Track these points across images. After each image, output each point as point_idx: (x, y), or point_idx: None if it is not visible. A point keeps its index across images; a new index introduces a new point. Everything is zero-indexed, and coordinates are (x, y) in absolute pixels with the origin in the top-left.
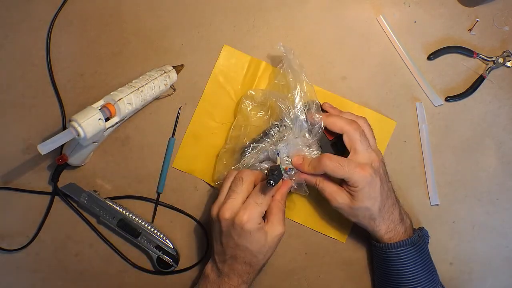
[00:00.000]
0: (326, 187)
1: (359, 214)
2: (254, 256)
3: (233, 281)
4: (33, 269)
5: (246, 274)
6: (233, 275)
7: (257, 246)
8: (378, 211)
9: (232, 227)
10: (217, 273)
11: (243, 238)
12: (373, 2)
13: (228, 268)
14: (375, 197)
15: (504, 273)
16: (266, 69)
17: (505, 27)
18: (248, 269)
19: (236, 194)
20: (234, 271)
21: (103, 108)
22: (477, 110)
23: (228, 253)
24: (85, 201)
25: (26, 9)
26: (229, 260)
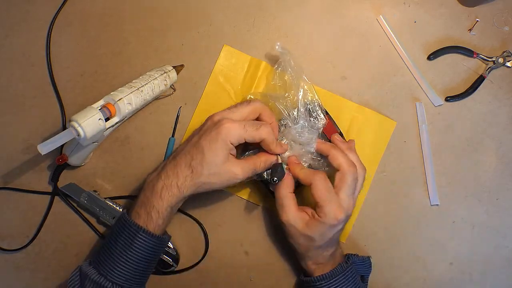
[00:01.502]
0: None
1: (300, 241)
2: (201, 164)
3: (168, 179)
4: (33, 269)
5: (182, 177)
6: (171, 172)
7: (211, 158)
8: (317, 247)
9: (210, 128)
10: (158, 171)
11: (209, 141)
12: (373, 2)
13: (171, 164)
14: (324, 237)
15: (504, 273)
16: (266, 69)
17: (505, 27)
18: (187, 173)
19: (235, 109)
20: (175, 168)
21: (103, 108)
22: (477, 110)
23: (184, 149)
24: (85, 201)
25: (26, 9)
26: (179, 154)
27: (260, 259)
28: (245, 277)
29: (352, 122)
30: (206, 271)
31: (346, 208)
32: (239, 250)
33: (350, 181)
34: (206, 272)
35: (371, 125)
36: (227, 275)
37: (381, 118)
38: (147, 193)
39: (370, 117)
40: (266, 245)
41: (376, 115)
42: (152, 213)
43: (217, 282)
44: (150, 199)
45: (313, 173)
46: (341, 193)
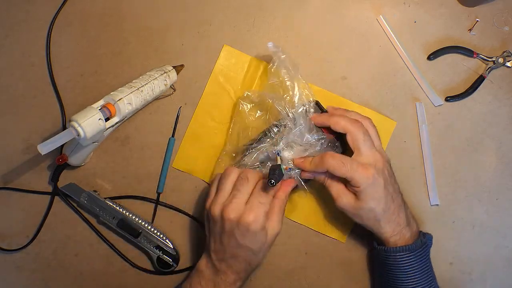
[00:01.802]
0: (332, 186)
1: (363, 215)
2: (255, 255)
3: (229, 278)
4: (33, 269)
5: (243, 272)
6: (230, 273)
7: (259, 245)
8: (382, 212)
9: (236, 227)
10: (213, 270)
11: (247, 238)
12: (373, 2)
13: (225, 266)
14: (379, 198)
15: (504, 273)
16: (266, 69)
17: (505, 27)
18: (246, 267)
19: (241, 194)
20: (231, 269)
21: (103, 108)
22: (477, 110)
23: (228, 252)
24: (85, 201)
25: (26, 9)
26: (229, 260)
27: None
28: None
29: None
30: None
31: (373, 161)
32: None
33: (362, 136)
34: None
35: None
36: None
37: (381, 118)
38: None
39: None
40: None
41: (376, 115)
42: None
43: None
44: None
45: (320, 159)
46: (360, 151)
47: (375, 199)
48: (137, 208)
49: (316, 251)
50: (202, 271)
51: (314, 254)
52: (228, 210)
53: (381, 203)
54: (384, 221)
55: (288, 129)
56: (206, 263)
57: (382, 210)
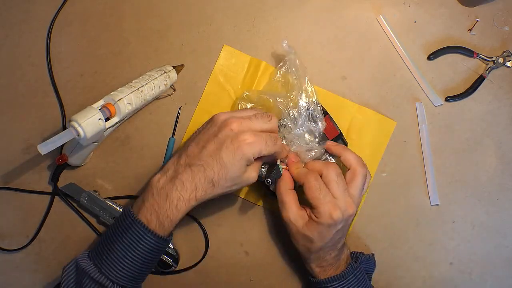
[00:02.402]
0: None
1: (300, 240)
2: (224, 179)
3: (185, 192)
4: (33, 269)
5: (202, 191)
6: (189, 185)
7: (235, 173)
8: (317, 248)
9: (229, 138)
10: (170, 177)
11: (231, 155)
12: (373, 2)
13: (188, 175)
14: (323, 237)
15: (504, 273)
16: (266, 69)
17: (505, 27)
18: (207, 187)
19: (257, 121)
20: (193, 181)
21: (103, 108)
22: (477, 110)
23: (202, 159)
24: (85, 201)
25: (26, 9)
26: (197, 167)
27: (260, 259)
28: (245, 277)
29: (352, 122)
30: (206, 271)
31: (344, 207)
32: (239, 250)
33: (360, 181)
34: (206, 272)
35: (371, 125)
36: (227, 275)
37: (381, 118)
38: (157, 199)
39: (370, 117)
40: (266, 245)
41: (376, 115)
42: (165, 222)
43: (217, 282)
44: (163, 207)
45: (305, 173)
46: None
47: (320, 236)
48: None
49: None
50: (154, 184)
51: None
52: (234, 120)
53: (322, 241)
54: (314, 255)
55: (288, 128)
56: (161, 176)
57: (319, 247)
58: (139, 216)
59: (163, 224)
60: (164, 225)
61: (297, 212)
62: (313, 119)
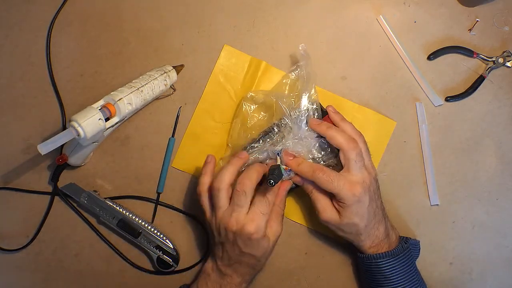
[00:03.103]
0: (318, 199)
1: (346, 230)
2: (258, 260)
3: (235, 280)
4: (33, 269)
5: (248, 275)
6: (236, 276)
7: (261, 251)
8: (364, 228)
9: (239, 237)
10: (219, 274)
11: (249, 247)
12: (373, 2)
13: (231, 270)
14: (362, 215)
15: (504, 273)
16: (266, 69)
17: (505, 27)
18: (250, 271)
19: (240, 207)
20: (237, 273)
21: (103, 108)
22: (477, 110)
23: (233, 259)
24: (85, 201)
25: (26, 9)
26: (234, 265)
27: None
28: None
29: (352, 122)
30: None
31: (361, 179)
32: None
33: (354, 156)
34: None
35: (371, 125)
36: None
37: (381, 118)
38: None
39: (370, 117)
40: None
41: (376, 115)
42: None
43: None
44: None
45: (311, 171)
46: (350, 170)
47: (359, 215)
48: (137, 208)
49: (316, 251)
50: (208, 274)
51: (314, 254)
52: (230, 222)
53: (363, 219)
54: (364, 235)
55: (289, 128)
56: (212, 266)
57: (364, 226)
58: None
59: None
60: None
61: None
62: None
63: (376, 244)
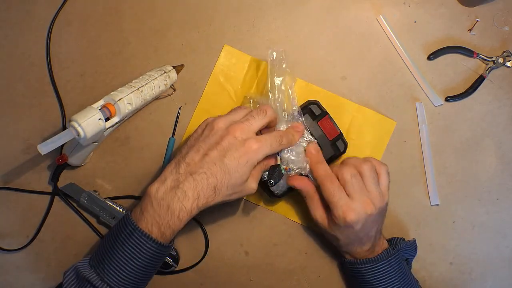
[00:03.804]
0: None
1: (329, 237)
2: (226, 186)
3: (186, 201)
4: (33, 269)
5: (204, 199)
6: (191, 194)
7: (238, 180)
8: (345, 245)
9: (234, 146)
10: (171, 187)
11: (236, 162)
12: (373, 2)
13: (190, 183)
14: (347, 236)
15: (504, 273)
16: (266, 69)
17: (505, 27)
18: (208, 195)
19: (255, 121)
20: (195, 189)
21: (103, 108)
22: (477, 110)
23: (204, 167)
24: (85, 201)
25: (26, 9)
26: (199, 175)
27: (260, 259)
28: (245, 277)
29: (352, 122)
30: (206, 271)
31: (359, 208)
32: (239, 250)
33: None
34: (206, 272)
35: (371, 125)
36: (227, 275)
37: (381, 118)
38: (158, 210)
39: (370, 117)
40: (266, 245)
41: (376, 115)
42: (167, 232)
43: (217, 282)
44: (165, 218)
45: (323, 176)
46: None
47: (343, 235)
48: None
49: (316, 251)
50: (153, 194)
51: (314, 254)
52: (236, 127)
53: (347, 239)
54: (345, 248)
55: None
56: (159, 186)
57: (346, 244)
58: (139, 226)
59: (165, 234)
60: (166, 235)
61: (322, 214)
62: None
63: (356, 257)
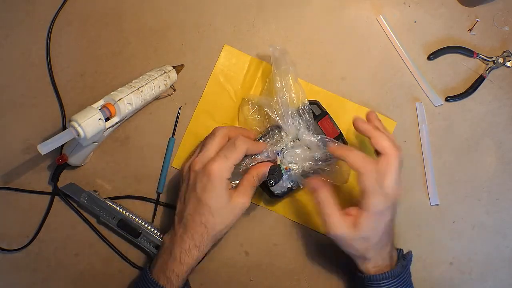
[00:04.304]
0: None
1: (356, 245)
2: (211, 215)
3: (184, 244)
4: (33, 269)
5: (199, 236)
6: (186, 237)
7: (218, 204)
8: (374, 244)
9: (198, 177)
10: (171, 238)
11: (207, 190)
12: (373, 2)
13: (183, 228)
14: (378, 229)
15: (504, 273)
16: (266, 69)
17: (505, 27)
18: (202, 231)
19: (206, 148)
20: (188, 232)
21: (103, 108)
22: (477, 110)
23: (187, 210)
24: (85, 201)
25: (26, 9)
26: (186, 218)
27: (260, 259)
28: (245, 277)
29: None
30: (206, 271)
31: (393, 195)
32: (239, 250)
33: (397, 166)
34: (206, 272)
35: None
36: (227, 275)
37: (381, 118)
38: (164, 257)
39: None
40: (266, 245)
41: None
42: (172, 277)
43: (217, 282)
44: (168, 264)
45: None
46: (388, 179)
47: (375, 230)
48: (137, 208)
49: (316, 251)
50: (164, 242)
51: (314, 254)
52: (193, 162)
53: (377, 235)
54: (372, 253)
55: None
56: (167, 235)
57: (375, 242)
58: (152, 274)
59: (170, 279)
60: (171, 280)
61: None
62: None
63: (379, 265)
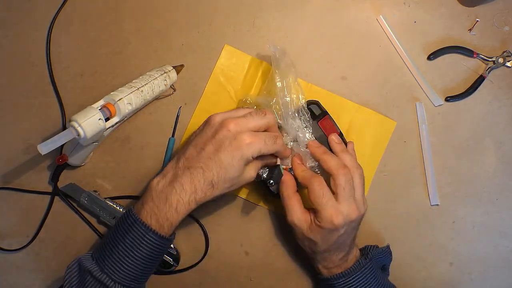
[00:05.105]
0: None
1: (305, 243)
2: (222, 180)
3: (184, 194)
4: (33, 269)
5: (201, 193)
6: (188, 187)
7: (232, 173)
8: (321, 251)
9: (227, 140)
10: (170, 180)
11: (230, 156)
12: (373, 2)
13: (187, 177)
14: (327, 240)
15: (504, 273)
16: (266, 69)
17: (505, 27)
18: (206, 189)
19: (252, 119)
20: (192, 183)
21: (103, 108)
22: (477, 110)
23: (201, 161)
24: (85, 201)
25: (26, 9)
26: (196, 170)
27: (260, 259)
28: (245, 277)
29: (352, 122)
30: (206, 271)
31: (346, 212)
32: (239, 250)
33: (343, 184)
34: (206, 272)
35: (371, 125)
36: (227, 275)
37: (381, 118)
38: (157, 202)
39: (370, 117)
40: (266, 245)
41: (376, 115)
42: (165, 225)
43: (217, 282)
44: (163, 211)
45: (310, 177)
46: (338, 197)
47: (325, 241)
48: None
49: None
50: (153, 187)
51: None
52: (231, 121)
53: (326, 244)
54: (320, 256)
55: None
56: (160, 178)
57: (323, 250)
58: (139, 214)
59: (163, 226)
60: (164, 227)
61: (301, 216)
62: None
63: (330, 267)
